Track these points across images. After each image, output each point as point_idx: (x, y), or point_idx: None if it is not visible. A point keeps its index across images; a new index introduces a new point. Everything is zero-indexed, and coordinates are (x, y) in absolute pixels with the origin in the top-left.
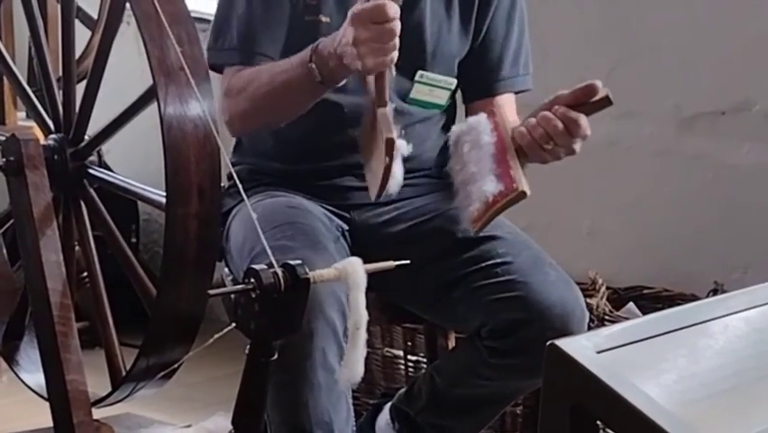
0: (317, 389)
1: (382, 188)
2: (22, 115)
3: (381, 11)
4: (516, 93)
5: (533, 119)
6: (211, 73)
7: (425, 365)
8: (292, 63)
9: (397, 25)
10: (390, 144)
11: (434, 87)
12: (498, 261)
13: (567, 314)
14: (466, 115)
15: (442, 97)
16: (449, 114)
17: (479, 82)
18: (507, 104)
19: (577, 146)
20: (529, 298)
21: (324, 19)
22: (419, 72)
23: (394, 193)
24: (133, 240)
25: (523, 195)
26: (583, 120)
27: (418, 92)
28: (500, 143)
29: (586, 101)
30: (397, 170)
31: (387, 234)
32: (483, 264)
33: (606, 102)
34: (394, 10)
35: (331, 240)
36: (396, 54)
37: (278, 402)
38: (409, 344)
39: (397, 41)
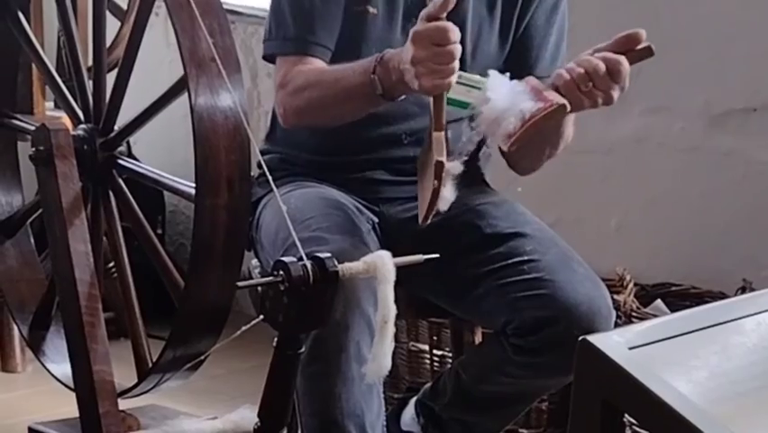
0: (350, 382)
1: (429, 210)
2: (50, 105)
3: (443, 33)
4: None
5: (571, 63)
6: (241, 64)
7: (450, 360)
8: (355, 70)
9: (458, 48)
10: (439, 168)
11: (472, 87)
12: (526, 258)
13: (593, 312)
14: None
15: (478, 98)
16: None
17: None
18: None
19: (615, 93)
20: (556, 296)
21: (371, 10)
22: (457, 72)
23: (443, 211)
24: (159, 231)
25: (563, 108)
26: (625, 63)
27: (456, 92)
28: (532, 86)
29: (628, 50)
30: (447, 193)
31: (415, 229)
32: (510, 261)
33: (647, 52)
34: (456, 33)
35: (364, 232)
36: (455, 78)
37: (311, 394)
38: (435, 338)
39: (456, 64)
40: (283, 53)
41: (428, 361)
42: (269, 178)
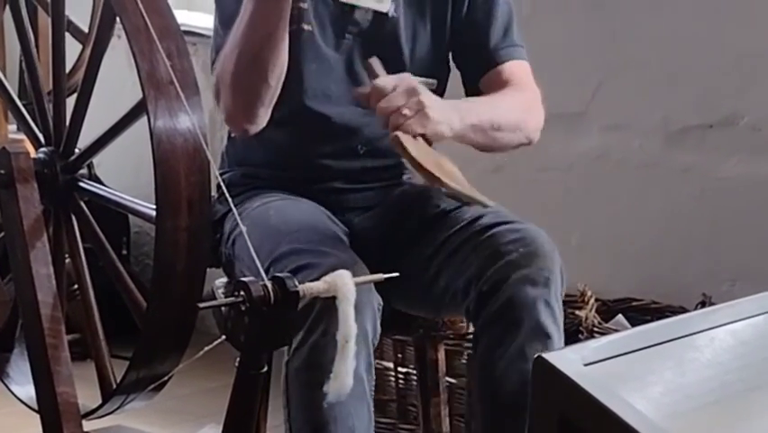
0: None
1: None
2: (13, 128)
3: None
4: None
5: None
6: (204, 85)
7: (415, 377)
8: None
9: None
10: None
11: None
12: (465, 222)
13: (535, 243)
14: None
15: None
16: None
17: (474, 62)
18: (515, 73)
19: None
20: (495, 240)
21: (306, 27)
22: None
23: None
24: (124, 252)
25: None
26: (378, 82)
27: None
28: None
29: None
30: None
31: (377, 236)
32: (454, 229)
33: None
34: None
35: (347, 243)
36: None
37: (304, 402)
38: (399, 356)
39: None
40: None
41: (393, 378)
42: (231, 201)
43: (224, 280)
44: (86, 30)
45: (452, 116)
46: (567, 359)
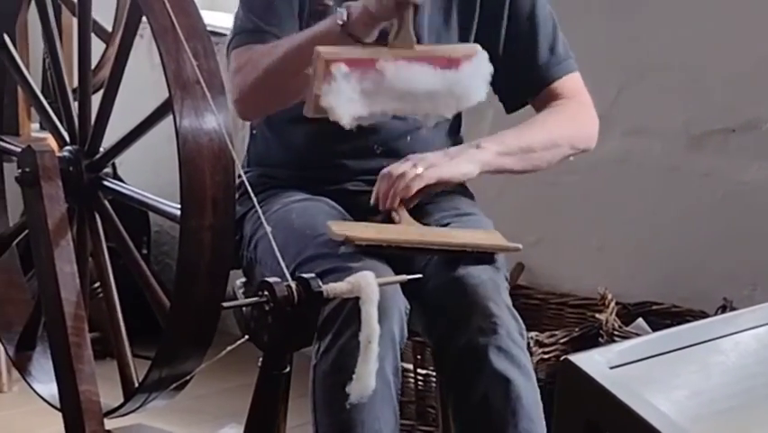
0: (371, 396)
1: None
2: (36, 126)
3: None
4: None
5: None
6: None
7: (434, 379)
8: (319, 24)
9: None
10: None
11: None
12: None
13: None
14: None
15: None
16: (454, 118)
17: (523, 81)
18: (567, 89)
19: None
20: (441, 293)
21: (329, 2)
22: None
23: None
24: (144, 251)
25: None
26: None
27: None
28: None
29: None
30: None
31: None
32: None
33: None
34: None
35: None
36: None
37: (330, 405)
38: (419, 357)
39: None
40: (236, 46)
41: (412, 379)
42: (255, 201)
43: (245, 280)
44: (110, 29)
45: (466, 154)
46: (593, 362)
